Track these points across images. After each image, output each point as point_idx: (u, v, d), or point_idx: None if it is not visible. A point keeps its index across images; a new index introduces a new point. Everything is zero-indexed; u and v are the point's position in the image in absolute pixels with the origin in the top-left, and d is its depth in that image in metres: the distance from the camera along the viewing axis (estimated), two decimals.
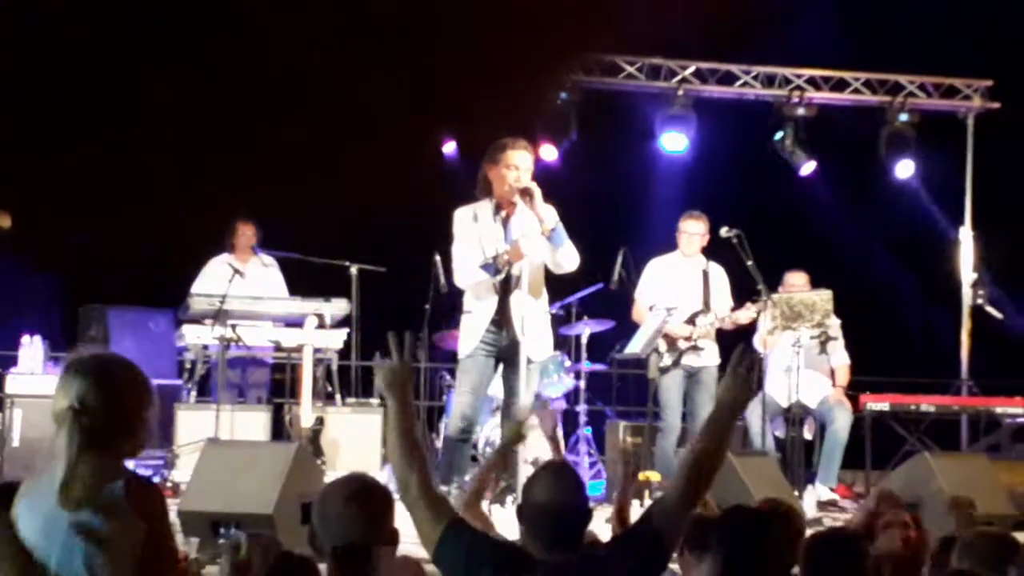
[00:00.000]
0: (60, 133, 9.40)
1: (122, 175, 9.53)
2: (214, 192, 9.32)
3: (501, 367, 6.55)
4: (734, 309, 8.03)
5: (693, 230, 8.11)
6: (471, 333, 6.47)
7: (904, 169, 10.49)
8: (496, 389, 6.87)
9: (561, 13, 9.45)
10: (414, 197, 9.49)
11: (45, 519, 2.99)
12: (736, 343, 8.38)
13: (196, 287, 8.50)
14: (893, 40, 10.76)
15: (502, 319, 6.41)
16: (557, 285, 7.17)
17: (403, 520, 3.28)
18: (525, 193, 6.31)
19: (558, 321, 8.92)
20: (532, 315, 6.42)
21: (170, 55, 9.28)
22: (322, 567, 3.18)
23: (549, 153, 10.15)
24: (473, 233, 6.43)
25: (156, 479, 7.16)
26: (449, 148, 10.51)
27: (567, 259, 6.42)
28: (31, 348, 7.77)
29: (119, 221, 9.45)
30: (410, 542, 3.36)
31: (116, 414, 3.07)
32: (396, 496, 3.31)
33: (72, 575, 2.96)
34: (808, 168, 10.42)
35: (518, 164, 6.36)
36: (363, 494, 3.14)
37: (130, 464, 3.14)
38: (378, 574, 3.06)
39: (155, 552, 3.01)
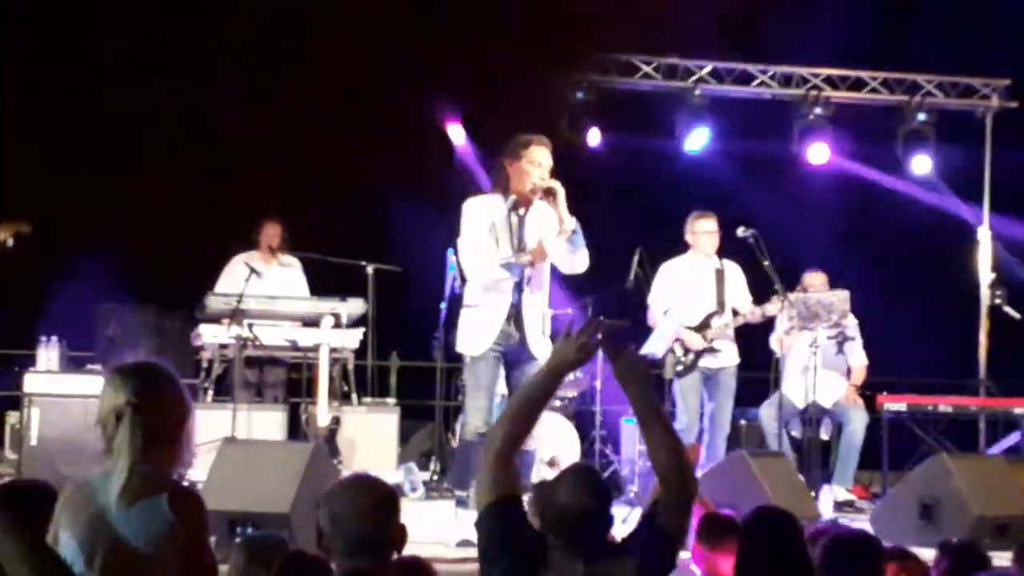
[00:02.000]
0: (76, 132, 9.43)
1: (139, 174, 9.57)
2: (231, 191, 9.34)
3: (507, 367, 6.47)
4: (757, 303, 8.01)
5: (709, 228, 8.09)
6: (482, 331, 6.32)
7: (920, 165, 10.43)
8: (500, 387, 6.82)
9: (575, 9, 9.45)
10: (430, 196, 9.50)
11: (93, 518, 3.02)
12: (755, 342, 8.38)
13: (218, 286, 8.53)
14: (910, 39, 10.72)
15: (516, 318, 6.35)
16: (573, 285, 7.16)
17: (410, 519, 3.29)
18: (549, 192, 6.25)
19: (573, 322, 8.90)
20: (542, 314, 6.40)
21: (188, 55, 9.31)
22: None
23: (594, 137, 10.12)
24: (487, 226, 6.31)
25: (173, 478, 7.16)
26: (457, 136, 10.49)
27: (581, 261, 6.37)
28: (49, 347, 7.80)
29: (136, 221, 9.49)
30: (417, 541, 3.36)
31: (166, 418, 3.13)
32: (408, 495, 3.31)
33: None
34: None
35: (542, 161, 6.30)
36: (370, 493, 3.15)
37: None
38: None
39: (194, 559, 3.05)
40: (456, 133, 10.54)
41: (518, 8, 9.57)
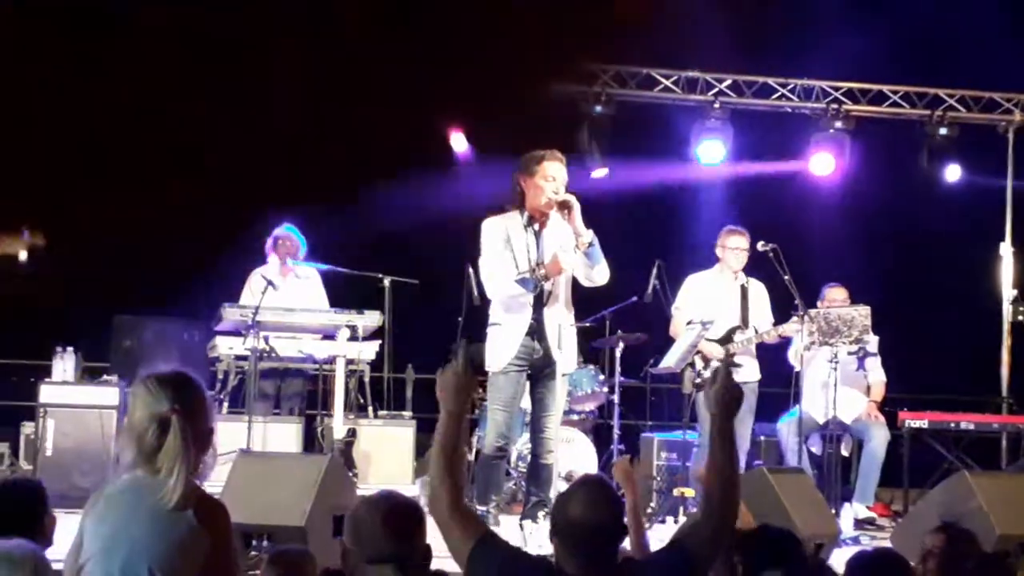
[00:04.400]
0: (94, 146, 9.44)
1: (157, 187, 9.57)
2: (247, 202, 9.33)
3: (531, 382, 6.48)
4: (776, 324, 7.96)
5: (741, 245, 8.04)
6: (503, 346, 6.37)
7: (952, 173, 10.36)
8: (525, 403, 6.82)
9: (584, 19, 9.43)
10: (446, 209, 9.47)
11: (119, 521, 3.04)
12: (774, 357, 8.29)
13: (242, 299, 8.51)
14: (933, 53, 10.65)
15: (538, 333, 6.34)
16: (590, 298, 7.11)
17: (436, 535, 3.25)
18: (564, 206, 6.24)
19: (592, 334, 8.86)
20: (564, 328, 6.38)
21: (201, 67, 9.31)
22: None
23: (600, 172, 10.15)
24: (504, 244, 6.35)
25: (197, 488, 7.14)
26: (459, 144, 10.44)
27: (600, 274, 6.36)
28: (64, 358, 7.78)
29: (153, 231, 9.48)
30: (443, 555, 3.32)
31: (202, 427, 3.16)
32: (427, 511, 3.28)
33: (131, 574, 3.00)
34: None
35: (555, 176, 6.30)
36: (396, 511, 3.12)
37: None
38: None
39: (217, 569, 3.05)
40: (458, 141, 10.48)
41: (529, 16, 9.53)
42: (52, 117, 9.44)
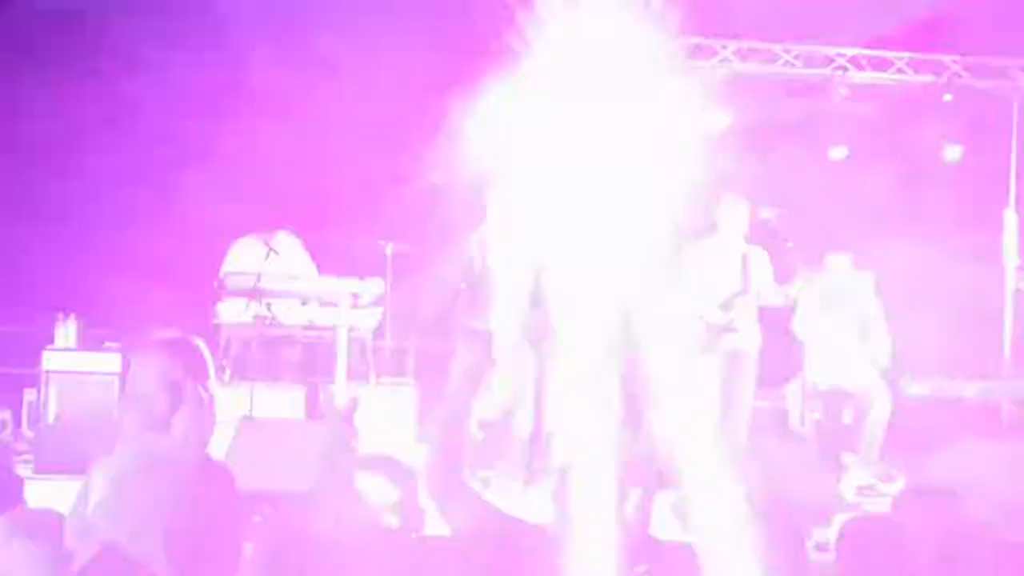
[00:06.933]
0: (91, 115, 9.41)
1: (155, 153, 9.55)
2: (247, 168, 9.31)
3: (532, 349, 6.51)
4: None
5: (732, 215, 8.03)
6: (502, 314, 6.41)
7: (952, 153, 10.36)
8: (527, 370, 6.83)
9: None
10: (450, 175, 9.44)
11: (131, 483, 3.07)
12: (779, 326, 8.26)
13: (226, 267, 8.51)
14: (938, 19, 10.57)
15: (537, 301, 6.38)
16: None
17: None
18: None
19: None
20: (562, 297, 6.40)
21: (195, 40, 9.27)
22: None
23: None
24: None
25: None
26: None
27: None
28: (66, 325, 7.78)
29: (150, 198, 9.47)
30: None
31: (208, 390, 3.23)
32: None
33: (144, 540, 3.01)
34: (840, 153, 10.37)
35: None
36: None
37: None
38: None
39: (222, 529, 3.09)
40: None
41: None
42: (54, 74, 9.40)
